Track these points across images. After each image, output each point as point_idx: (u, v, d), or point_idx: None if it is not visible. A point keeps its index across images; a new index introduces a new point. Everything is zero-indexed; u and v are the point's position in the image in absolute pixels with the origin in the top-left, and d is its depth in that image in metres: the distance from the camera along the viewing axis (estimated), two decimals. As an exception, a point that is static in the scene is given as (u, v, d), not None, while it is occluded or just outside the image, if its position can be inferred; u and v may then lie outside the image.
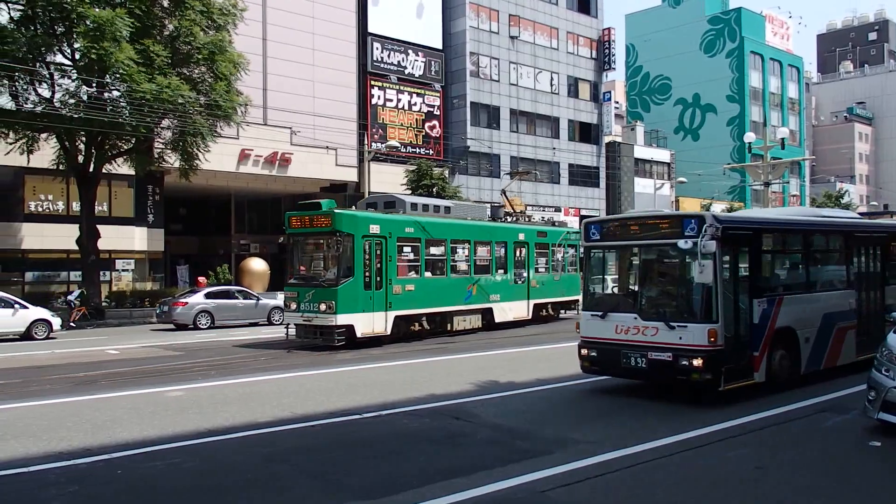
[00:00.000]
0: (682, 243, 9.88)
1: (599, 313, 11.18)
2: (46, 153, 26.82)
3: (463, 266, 21.65)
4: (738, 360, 10.37)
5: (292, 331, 18.80)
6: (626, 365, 10.76)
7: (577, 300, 23.71)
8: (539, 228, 25.30)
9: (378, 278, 18.57)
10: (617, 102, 68.39)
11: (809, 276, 12.44)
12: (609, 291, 12.28)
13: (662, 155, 62.54)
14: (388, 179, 38.66)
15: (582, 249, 11.92)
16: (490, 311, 22.38)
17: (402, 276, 19.43)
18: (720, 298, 10.03)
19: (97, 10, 23.42)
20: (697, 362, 9.93)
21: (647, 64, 77.67)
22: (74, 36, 24.42)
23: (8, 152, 26.26)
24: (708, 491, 6.59)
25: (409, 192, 35.81)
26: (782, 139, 34.93)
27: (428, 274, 20.34)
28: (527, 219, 27.43)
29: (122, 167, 28.96)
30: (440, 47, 46.14)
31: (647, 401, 10.85)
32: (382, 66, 43.03)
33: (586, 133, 54.78)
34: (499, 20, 48.88)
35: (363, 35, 42.13)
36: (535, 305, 24.39)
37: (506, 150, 48.72)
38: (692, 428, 8.87)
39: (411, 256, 19.93)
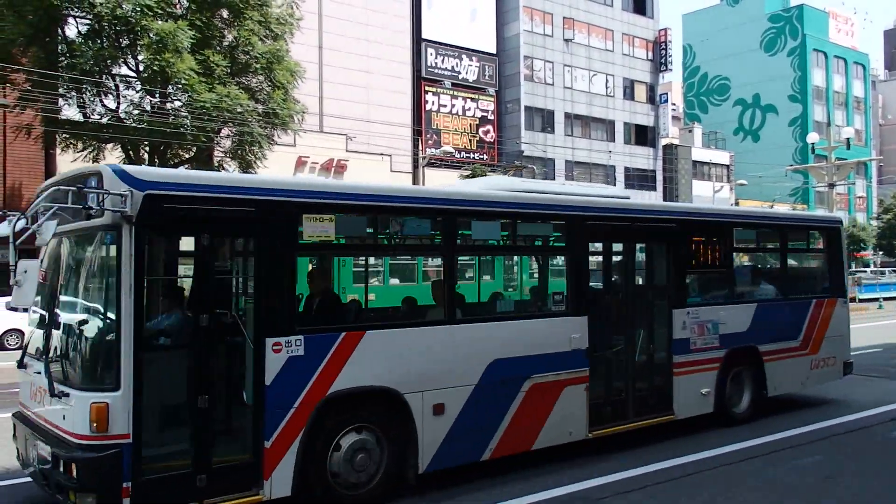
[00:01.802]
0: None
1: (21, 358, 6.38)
2: (111, 162, 27.62)
3: None
4: (209, 461, 5.58)
5: None
6: (28, 462, 6.02)
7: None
8: None
9: None
10: (674, 104, 67.32)
11: (448, 291, 7.00)
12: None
13: (721, 157, 61.20)
14: (442, 185, 38.72)
15: None
16: None
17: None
18: (128, 339, 5.19)
19: (160, 22, 24.04)
20: (72, 470, 5.18)
21: (704, 64, 76.17)
22: (138, 48, 25.10)
23: (75, 160, 27.15)
24: None
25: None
26: (847, 139, 33.89)
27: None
28: None
29: (184, 175, 29.63)
30: (494, 52, 46.06)
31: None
32: (436, 71, 43.17)
33: (642, 136, 53.96)
34: (552, 23, 48.56)
35: (417, 41, 42.36)
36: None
37: (560, 154, 48.31)
38: None
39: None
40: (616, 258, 8.84)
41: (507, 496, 6.50)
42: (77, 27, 26.00)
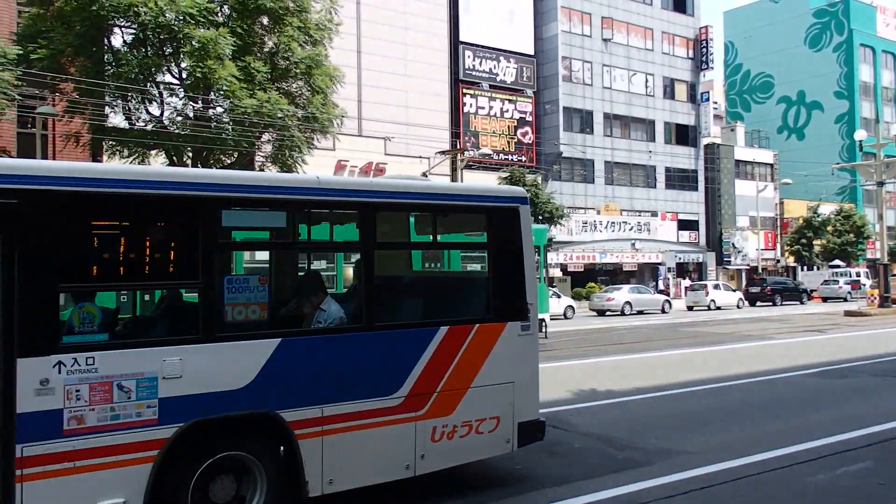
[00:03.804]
0: None
1: None
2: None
3: None
4: None
5: None
6: None
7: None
8: None
9: None
10: (715, 103, 66.31)
11: None
12: None
13: (765, 156, 60.11)
14: (480, 187, 38.68)
15: None
16: None
17: None
18: None
19: (202, 30, 24.44)
20: None
21: (747, 62, 74.93)
22: (181, 56, 25.56)
23: (122, 168, 27.69)
24: None
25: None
26: (897, 136, 33.03)
27: None
28: None
29: (226, 180, 30.03)
30: (532, 53, 45.93)
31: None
32: (474, 73, 43.18)
33: (683, 135, 53.28)
34: (591, 23, 48.24)
35: (455, 44, 42.44)
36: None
37: (599, 155, 47.95)
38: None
39: None
40: None
41: (547, 499, 6.43)
42: (122, 37, 26.58)
